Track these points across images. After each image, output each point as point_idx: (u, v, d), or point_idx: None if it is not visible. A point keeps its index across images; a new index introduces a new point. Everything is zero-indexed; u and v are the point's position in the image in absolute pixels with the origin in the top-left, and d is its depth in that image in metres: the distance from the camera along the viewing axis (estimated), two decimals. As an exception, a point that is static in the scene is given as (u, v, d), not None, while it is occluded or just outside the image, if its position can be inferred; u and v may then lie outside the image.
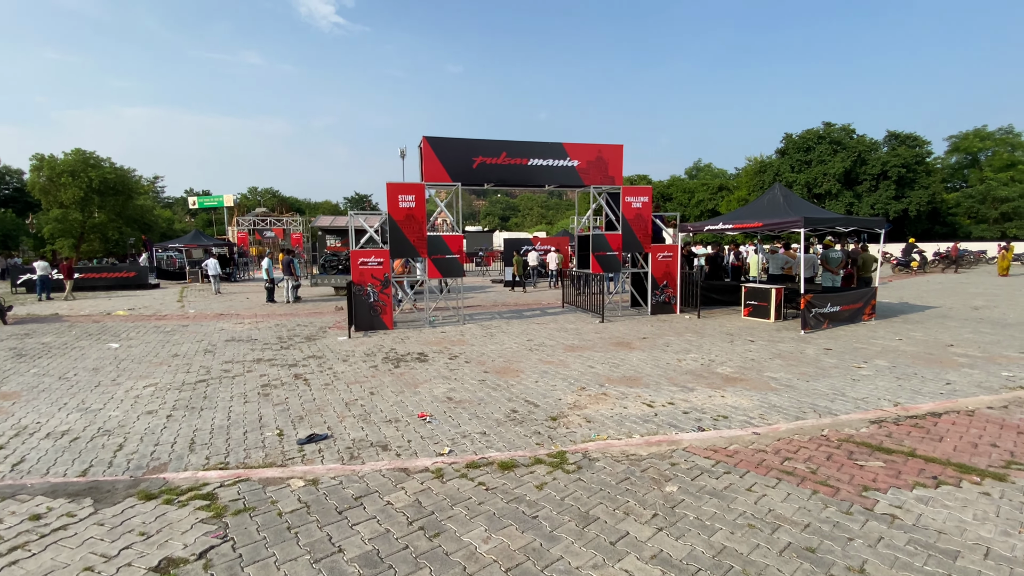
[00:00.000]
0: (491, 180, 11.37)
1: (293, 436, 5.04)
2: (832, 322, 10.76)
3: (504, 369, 7.48)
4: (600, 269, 11.99)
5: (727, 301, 13.89)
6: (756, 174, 48.96)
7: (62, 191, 36.71)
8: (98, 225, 40.10)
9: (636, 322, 11.60)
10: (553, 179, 11.76)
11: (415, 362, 7.98)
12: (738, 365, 7.65)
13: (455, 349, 8.91)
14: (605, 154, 11.94)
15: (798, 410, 5.63)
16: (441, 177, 10.99)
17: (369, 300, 10.75)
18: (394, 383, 6.82)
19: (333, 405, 5.96)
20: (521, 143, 11.44)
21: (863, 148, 42.82)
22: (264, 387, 6.76)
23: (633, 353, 8.47)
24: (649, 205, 12.28)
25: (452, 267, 11.14)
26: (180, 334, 10.86)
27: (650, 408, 5.70)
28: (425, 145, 10.82)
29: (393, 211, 10.68)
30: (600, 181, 12.00)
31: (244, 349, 9.18)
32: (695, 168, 77.56)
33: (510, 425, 5.21)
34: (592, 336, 9.96)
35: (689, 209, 55.69)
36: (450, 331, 10.69)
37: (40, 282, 19.06)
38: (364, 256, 10.71)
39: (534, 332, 10.44)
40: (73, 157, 37.67)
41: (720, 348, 8.79)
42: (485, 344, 9.30)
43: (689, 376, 7.05)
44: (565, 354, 8.41)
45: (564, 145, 11.68)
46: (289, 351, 8.96)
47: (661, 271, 12.57)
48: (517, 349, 8.83)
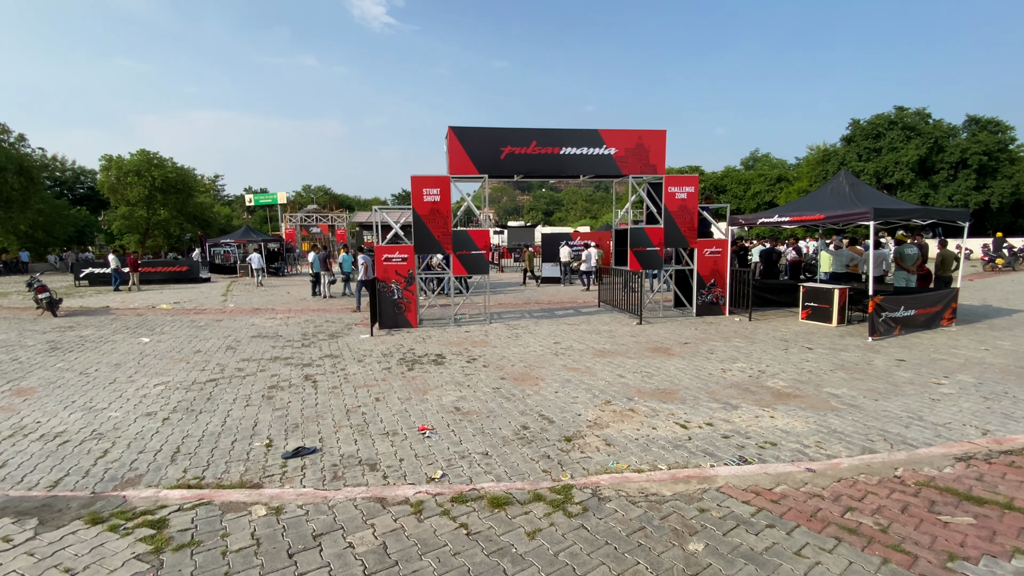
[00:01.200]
0: (520, 171, 10.71)
1: (282, 447, 4.63)
2: (905, 328, 9.41)
3: (523, 376, 6.84)
4: (639, 266, 11.09)
5: (783, 302, 12.60)
6: (818, 164, 45.48)
7: (128, 190, 39.11)
8: (161, 222, 42.55)
9: (678, 324, 10.63)
10: (588, 168, 10.95)
11: (431, 365, 7.48)
12: (792, 378, 6.66)
13: (475, 351, 8.35)
14: (646, 141, 11.00)
15: (864, 438, 4.67)
16: (467, 169, 10.44)
17: (393, 297, 10.39)
18: (403, 388, 6.34)
19: (334, 412, 5.54)
20: (552, 131, 10.70)
21: (940, 134, 38.80)
22: (271, 388, 6.45)
23: (671, 361, 7.61)
24: (695, 196, 11.24)
25: (478, 263, 10.59)
26: (211, 329, 10.92)
27: (684, 429, 4.91)
28: (450, 136, 10.30)
29: (418, 205, 10.24)
30: (640, 170, 11.07)
31: (265, 346, 9.03)
32: (752, 158, 73.52)
33: (517, 445, 4.58)
34: (627, 340, 9.14)
35: (744, 202, 52.69)
36: (475, 331, 10.15)
37: (113, 275, 20.56)
38: (388, 252, 10.34)
39: (563, 334, 9.72)
40: (138, 157, 40.02)
41: (772, 357, 7.77)
42: (508, 346, 8.69)
43: (734, 390, 6.15)
44: (593, 360, 7.67)
45: (600, 132, 10.84)
46: (309, 349, 8.71)
47: (708, 268, 11.50)
48: (541, 353, 8.17)
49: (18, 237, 35.73)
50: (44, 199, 37.12)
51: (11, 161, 32.03)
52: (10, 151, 32.73)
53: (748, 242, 14.81)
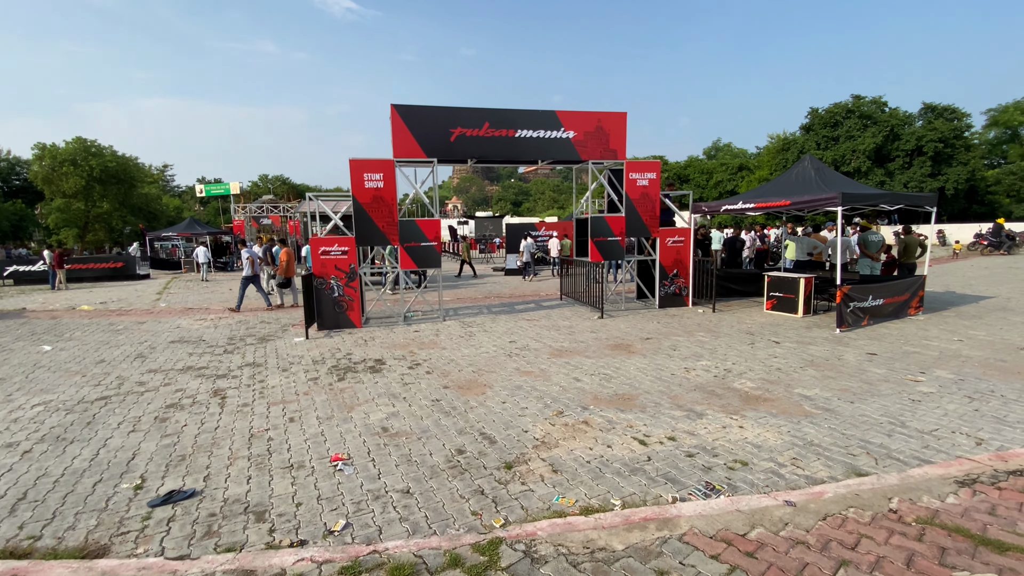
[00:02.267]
0: (473, 155, 9.87)
1: (154, 490, 3.74)
2: (873, 318, 9.11)
3: (469, 383, 6.08)
4: (600, 257, 10.45)
5: (747, 292, 12.24)
6: (778, 152, 46.15)
7: (64, 180, 36.23)
8: (102, 215, 39.69)
9: (640, 318, 10.07)
10: (545, 153, 10.20)
11: (366, 373, 6.63)
12: (761, 377, 6.13)
13: (421, 354, 7.54)
14: (606, 124, 10.31)
15: (844, 451, 4.13)
16: (413, 152, 9.53)
17: (333, 295, 9.43)
18: (326, 404, 5.49)
19: (234, 438, 4.65)
20: (506, 111, 9.89)
21: (896, 122, 39.79)
22: (169, 408, 5.49)
23: (632, 359, 6.99)
24: (657, 183, 10.66)
25: (428, 256, 9.73)
26: (128, 333, 9.72)
27: (643, 446, 4.25)
28: (394, 115, 9.35)
29: (358, 192, 9.28)
30: (600, 155, 10.40)
31: (181, 353, 7.97)
32: (714, 148, 74.54)
33: (448, 476, 3.82)
34: (586, 336, 8.49)
35: (707, 191, 53.18)
36: (425, 330, 9.32)
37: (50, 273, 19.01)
38: (325, 244, 9.36)
39: (520, 331, 9.01)
40: (74, 145, 37.07)
41: (738, 352, 7.26)
42: (459, 347, 7.91)
43: (698, 393, 5.56)
44: (549, 361, 6.98)
45: (557, 113, 10.09)
46: (230, 356, 7.71)
47: (671, 258, 10.98)
48: (494, 354, 7.42)
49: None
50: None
51: (-80, 149, 28.96)
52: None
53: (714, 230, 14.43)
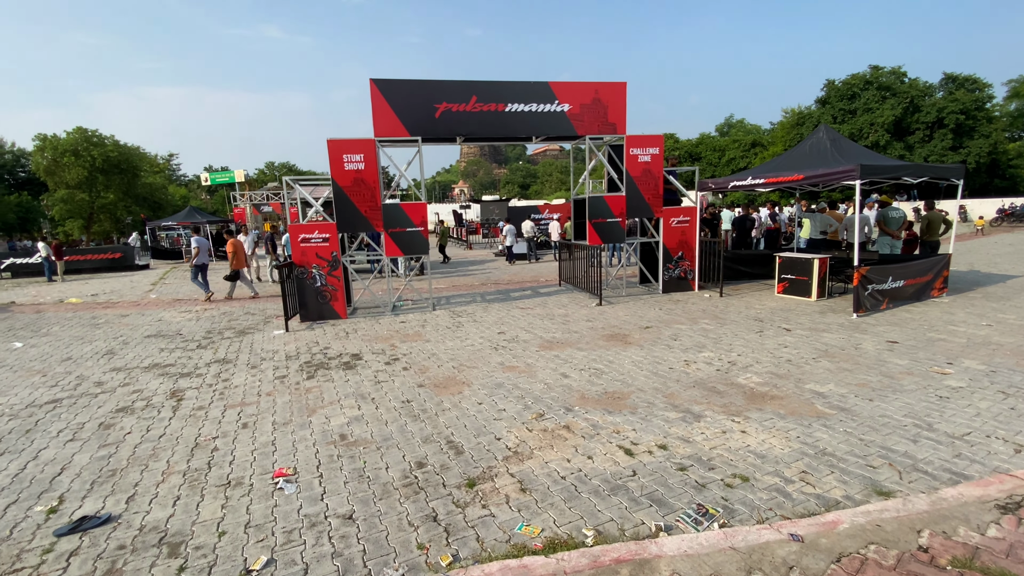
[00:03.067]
0: (459, 132, 9.22)
1: (70, 513, 3.30)
2: (893, 301, 8.41)
3: (447, 381, 5.57)
4: (599, 240, 9.82)
5: (757, 274, 11.54)
6: (793, 127, 44.53)
7: (66, 171, 36.14)
8: (107, 205, 39.66)
9: (642, 304, 9.46)
10: (538, 128, 9.51)
11: (339, 369, 6.15)
12: (768, 370, 5.53)
13: (402, 348, 7.04)
14: (604, 95, 9.57)
15: (863, 462, 3.55)
16: (396, 131, 8.91)
17: (315, 285, 8.95)
18: (287, 407, 5.01)
19: (176, 449, 4.20)
20: (495, 83, 9.19)
21: (916, 93, 38.02)
22: (118, 412, 5.06)
23: (628, 351, 6.42)
24: (660, 159, 9.93)
25: (414, 242, 9.17)
26: (107, 327, 9.36)
27: (629, 457, 3.72)
28: (373, 90, 8.71)
29: (338, 175, 8.71)
30: (598, 130, 9.68)
31: (152, 349, 7.56)
32: (727, 125, 72.44)
33: (400, 496, 3.32)
34: (581, 325, 7.92)
35: (720, 169, 51.69)
36: (412, 320, 8.82)
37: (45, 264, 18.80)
38: (305, 231, 8.84)
39: (512, 321, 8.46)
40: (75, 136, 36.86)
41: (745, 342, 6.65)
42: (443, 340, 7.40)
43: (698, 391, 4.99)
44: (537, 354, 6.43)
45: (551, 85, 9.37)
46: (202, 352, 7.28)
47: (675, 240, 10.30)
48: (480, 347, 6.89)
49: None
50: (-33, 184, 33.88)
51: (-79, 142, 28.87)
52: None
53: (719, 209, 13.66)
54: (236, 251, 11.89)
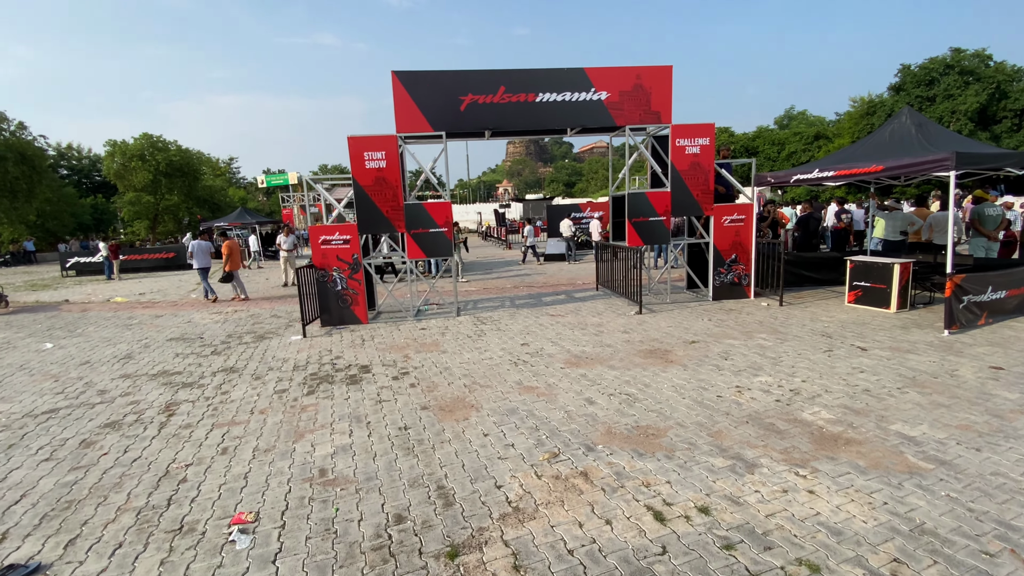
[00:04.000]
0: (487, 126, 8.56)
1: (3, 557, 2.88)
2: (992, 315, 7.04)
3: (454, 403, 4.92)
4: (639, 240, 8.89)
5: (823, 280, 10.22)
6: (863, 117, 41.00)
7: (133, 175, 38.44)
8: (170, 206, 41.97)
9: (688, 313, 8.47)
10: (573, 119, 8.70)
11: (343, 384, 5.64)
12: (842, 403, 4.52)
13: (416, 359, 6.46)
14: (647, 80, 8.64)
15: (976, 545, 2.60)
16: (419, 126, 8.37)
17: (336, 289, 8.55)
18: (276, 429, 4.52)
19: (144, 477, 3.77)
20: (525, 71, 8.47)
21: (1003, 78, 33.99)
22: (104, 428, 4.74)
23: (668, 372, 5.54)
24: (711, 150, 8.88)
25: (437, 244, 8.60)
26: (137, 329, 9.38)
27: (659, 524, 2.91)
28: (395, 83, 8.20)
29: (359, 173, 8.27)
30: (640, 119, 8.76)
31: (168, 354, 7.37)
32: (787, 117, 68.32)
33: (363, 566, 2.68)
34: (616, 337, 7.07)
35: (779, 164, 48.54)
36: (432, 327, 8.25)
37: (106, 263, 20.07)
38: (325, 233, 8.46)
39: (539, 330, 7.72)
40: (141, 141, 39.18)
41: (811, 363, 5.60)
42: (461, 351, 6.76)
43: (752, 428, 4.08)
44: (562, 372, 5.67)
45: (586, 71, 8.54)
46: (215, 358, 7.01)
47: (728, 241, 9.21)
48: (498, 361, 6.20)
49: (28, 227, 35.53)
50: (52, 188, 36.69)
51: (10, 149, 31.44)
52: (9, 139, 32.12)
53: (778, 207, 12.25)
54: (231, 253, 11.83)
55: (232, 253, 11.90)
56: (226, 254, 11.86)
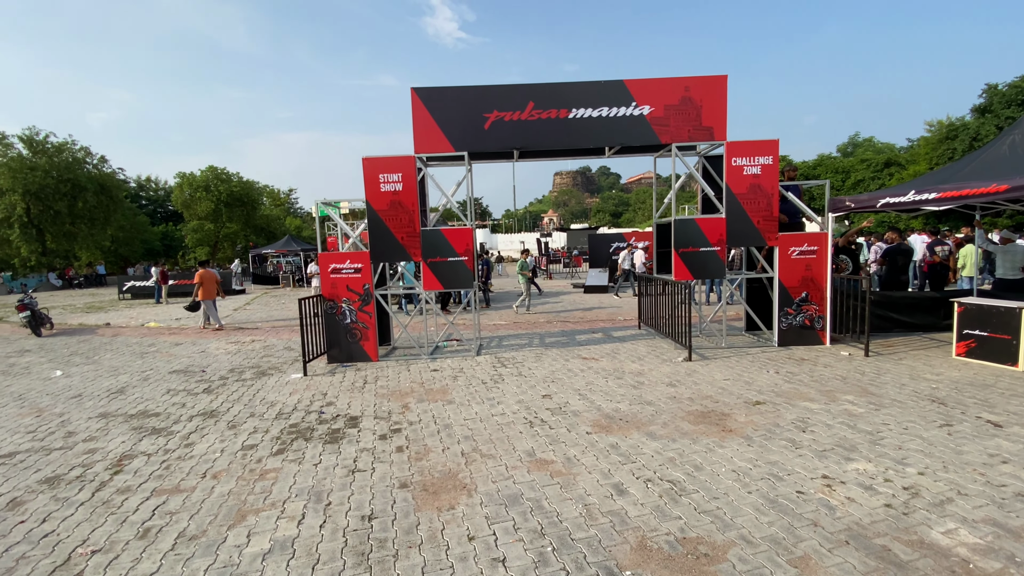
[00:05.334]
0: (513, 144, 7.71)
1: None
2: None
3: (444, 480, 3.86)
4: (688, 274, 7.65)
5: (916, 324, 8.51)
6: (941, 142, 37.66)
7: (198, 204, 40.77)
8: (230, 234, 44.08)
9: (749, 363, 7.07)
10: (610, 137, 7.71)
11: (321, 441, 4.72)
12: (987, 515, 3.11)
13: (415, 411, 5.48)
14: (696, 92, 7.56)
15: None
16: (439, 145, 7.64)
17: (345, 322, 7.81)
18: (222, 502, 3.62)
19: (39, 566, 2.94)
20: (556, 85, 7.61)
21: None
22: (42, 484, 4.02)
23: (727, 447, 4.26)
24: (775, 171, 7.61)
25: (456, 274, 7.72)
26: (149, 358, 9.00)
27: None
28: (415, 101, 7.55)
29: (372, 197, 7.59)
30: (688, 136, 7.65)
31: (160, 390, 6.78)
32: (851, 144, 64.39)
33: None
34: (659, 392, 5.81)
35: (844, 192, 45.36)
36: (446, 369, 7.28)
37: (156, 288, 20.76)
38: (336, 261, 7.79)
39: (567, 377, 6.57)
40: (207, 173, 41.66)
41: (925, 444, 4.16)
42: (471, 402, 5.72)
43: (857, 556, 2.77)
44: (588, 440, 4.51)
45: (626, 83, 7.58)
46: (203, 396, 6.33)
47: (797, 276, 7.79)
48: (511, 419, 5.11)
49: (103, 252, 38.11)
50: (126, 216, 39.42)
51: (91, 181, 34.03)
52: (91, 172, 34.85)
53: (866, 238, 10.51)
54: (203, 282, 11.84)
55: (204, 283, 11.92)
56: (197, 283, 11.93)
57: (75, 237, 34.37)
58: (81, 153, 34.59)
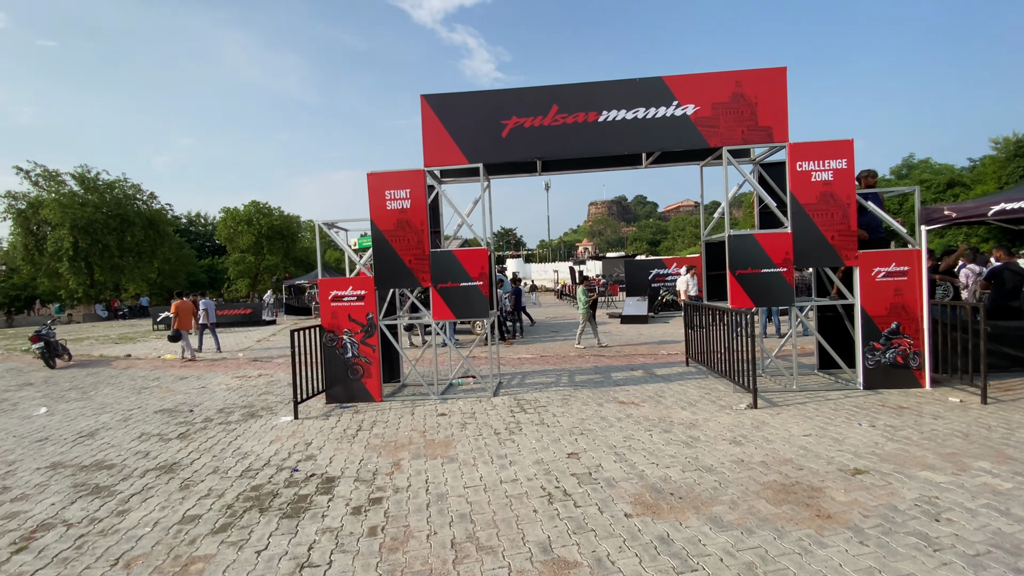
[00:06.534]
0: (534, 154, 6.76)
1: None
2: None
3: (420, 587, 2.73)
4: (748, 300, 6.35)
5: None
6: (1010, 160, 34.65)
7: (240, 238, 41.98)
8: (269, 266, 45.08)
9: (832, 410, 5.64)
10: (648, 142, 6.65)
11: (277, 515, 3.68)
12: None
13: (407, 471, 4.39)
14: (750, 87, 6.45)
15: None
16: (452, 157, 6.78)
17: (345, 356, 6.88)
18: (104, 618, 2.61)
19: None
20: (583, 86, 6.66)
21: None
22: (-90, 573, 3.13)
23: (828, 545, 2.94)
24: (851, 175, 6.32)
25: (470, 301, 6.71)
26: (145, 394, 8.35)
27: None
28: (425, 109, 6.77)
29: (378, 216, 6.76)
30: (742, 138, 6.50)
31: (132, 435, 5.98)
32: (905, 166, 60.80)
33: None
34: (720, 453, 4.50)
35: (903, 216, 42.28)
36: (456, 413, 6.17)
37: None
38: (338, 287, 6.94)
39: (599, 429, 5.34)
40: (250, 208, 43.04)
41: None
42: (476, 460, 4.59)
43: None
44: (626, 527, 3.28)
45: (665, 80, 6.55)
46: (173, 444, 5.46)
47: (884, 302, 6.35)
48: (524, 488, 3.93)
49: (148, 284, 39.51)
50: (172, 249, 40.96)
51: (139, 216, 35.55)
52: (139, 207, 36.46)
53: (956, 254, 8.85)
54: (179, 313, 11.92)
55: (180, 313, 11.96)
56: (174, 313, 11.94)
57: (122, 270, 35.74)
58: (132, 190, 36.28)
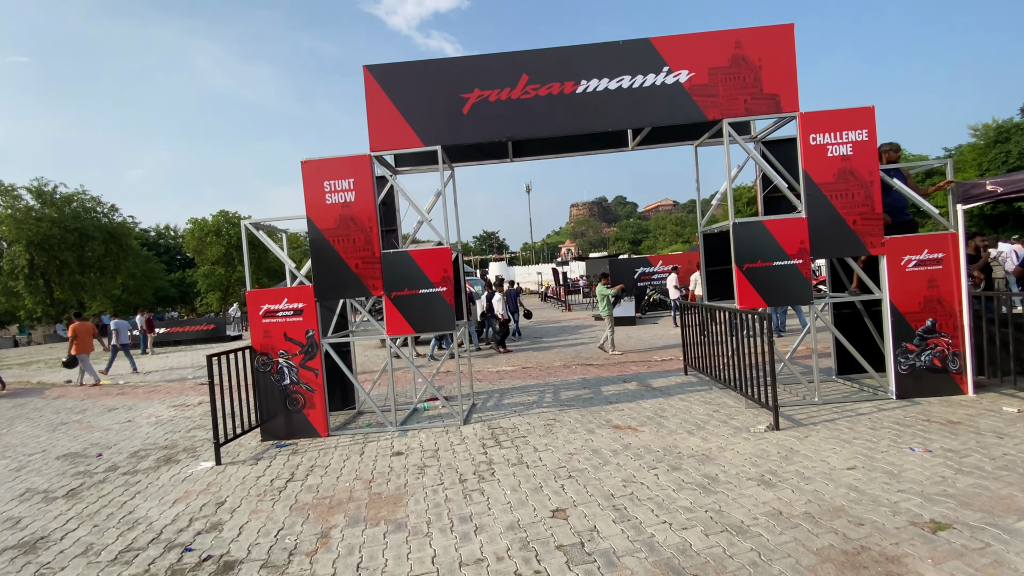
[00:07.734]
0: (502, 132, 5.68)
1: None
2: None
3: None
4: (758, 299, 5.36)
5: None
6: (990, 146, 34.69)
7: (209, 249, 40.11)
8: (241, 278, 43.21)
9: (869, 430, 4.66)
10: (635, 115, 5.62)
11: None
12: None
13: (338, 545, 3.27)
14: (751, 48, 5.48)
15: None
16: (403, 139, 5.67)
17: (282, 384, 5.71)
18: None
19: None
20: (558, 50, 5.61)
21: None
22: None
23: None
24: (872, 150, 5.39)
25: (432, 311, 5.60)
26: (61, 430, 7.08)
27: None
28: (368, 82, 5.66)
29: (316, 213, 5.62)
30: (744, 108, 5.51)
31: (13, 492, 4.75)
32: (881, 157, 61.30)
33: None
34: (749, 500, 3.47)
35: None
36: (415, 451, 5.05)
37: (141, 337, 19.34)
38: (269, 300, 5.77)
39: (591, 468, 4.28)
40: (219, 217, 41.17)
41: None
42: (430, 527, 3.48)
43: None
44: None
45: (653, 42, 5.54)
46: (55, 506, 4.25)
47: (917, 296, 5.42)
48: (491, 572, 2.84)
49: (112, 300, 37.40)
50: (137, 263, 38.90)
51: (99, 230, 33.54)
52: (97, 220, 34.42)
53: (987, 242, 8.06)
54: (77, 335, 11.18)
55: (79, 336, 11.16)
56: (71, 336, 11.18)
57: (83, 287, 33.71)
58: (91, 203, 34.29)
